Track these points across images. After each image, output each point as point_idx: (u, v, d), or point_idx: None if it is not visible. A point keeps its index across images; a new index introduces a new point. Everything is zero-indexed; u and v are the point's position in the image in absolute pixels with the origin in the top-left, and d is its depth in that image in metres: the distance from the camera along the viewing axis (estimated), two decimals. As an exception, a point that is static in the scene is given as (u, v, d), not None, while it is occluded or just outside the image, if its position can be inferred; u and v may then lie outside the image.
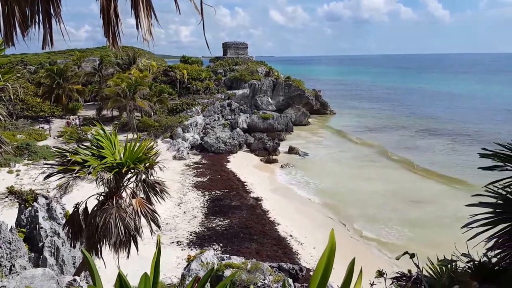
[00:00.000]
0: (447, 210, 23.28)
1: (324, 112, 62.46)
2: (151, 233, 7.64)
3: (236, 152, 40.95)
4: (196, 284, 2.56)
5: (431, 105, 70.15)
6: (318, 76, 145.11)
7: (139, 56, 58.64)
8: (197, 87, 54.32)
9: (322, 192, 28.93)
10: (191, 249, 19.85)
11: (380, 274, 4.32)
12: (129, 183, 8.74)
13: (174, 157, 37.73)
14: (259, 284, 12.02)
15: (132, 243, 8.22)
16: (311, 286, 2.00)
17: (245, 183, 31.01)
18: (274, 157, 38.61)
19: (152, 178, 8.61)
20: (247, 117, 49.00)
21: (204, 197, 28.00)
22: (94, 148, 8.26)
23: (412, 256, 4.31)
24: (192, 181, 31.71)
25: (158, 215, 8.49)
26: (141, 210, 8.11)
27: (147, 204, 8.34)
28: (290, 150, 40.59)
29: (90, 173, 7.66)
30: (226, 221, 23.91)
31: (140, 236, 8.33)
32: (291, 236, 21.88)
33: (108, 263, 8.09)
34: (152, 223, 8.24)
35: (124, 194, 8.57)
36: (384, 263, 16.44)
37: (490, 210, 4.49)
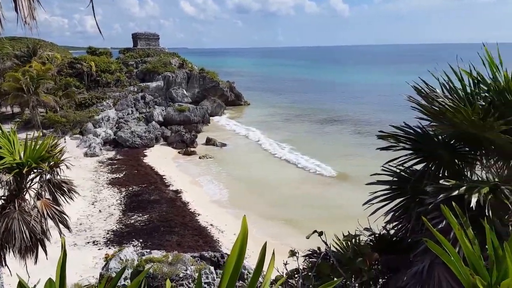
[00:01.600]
0: (351, 191, 24.93)
1: (239, 103, 63.04)
2: (60, 236, 7.08)
3: (153, 146, 39.70)
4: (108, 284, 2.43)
5: (339, 95, 74.26)
6: (232, 68, 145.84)
7: (40, 48, 53.59)
8: (107, 80, 51.30)
9: (238, 181, 29.33)
10: (109, 248, 18.94)
11: (293, 253, 4.50)
12: (32, 184, 7.97)
13: (86, 154, 35.41)
14: (181, 275, 11.88)
15: (40, 247, 7.54)
16: (225, 271, 2.01)
17: (163, 177, 30.26)
18: (192, 149, 38.16)
19: (58, 177, 7.95)
20: (163, 110, 47.63)
21: (121, 194, 26.79)
22: (-11, 148, 7.37)
23: (320, 234, 4.55)
24: (107, 178, 30.10)
25: (67, 216, 7.88)
26: (47, 212, 7.45)
27: (54, 205, 7.69)
28: (208, 142, 40.41)
29: (-15, 175, 6.82)
30: (145, 216, 23.18)
31: (48, 239, 7.68)
32: (211, 225, 21.92)
33: (19, 270, 7.35)
34: (60, 224, 7.63)
35: (27, 196, 7.80)
36: (296, 243, 17.19)
37: (387, 187, 4.90)
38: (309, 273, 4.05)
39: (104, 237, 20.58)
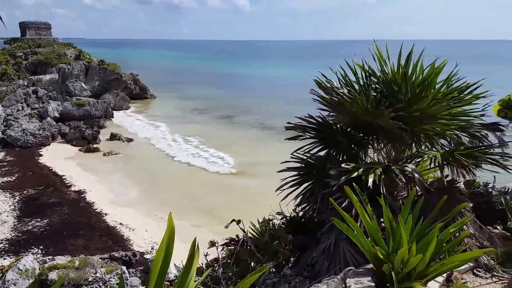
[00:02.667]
0: (259, 180, 25.69)
1: (144, 96, 60.62)
2: None
3: (49, 144, 36.36)
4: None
5: (245, 88, 75.31)
6: (135, 59, 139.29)
7: None
8: (-9, 73, 45.59)
9: (147, 176, 28.42)
10: (4, 259, 17.09)
11: (212, 244, 4.59)
12: None
13: (-32, 157, 31.22)
14: (90, 279, 11.27)
15: None
16: (152, 270, 1.99)
17: (63, 177, 28.01)
18: (95, 145, 35.81)
19: None
20: (59, 105, 43.79)
21: (14, 199, 24.21)
22: None
23: (238, 222, 4.70)
24: (-4, 182, 26.95)
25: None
26: None
27: None
28: (112, 137, 38.25)
29: None
30: (45, 221, 21.32)
31: None
32: (121, 224, 20.99)
33: None
34: None
35: None
36: (213, 235, 17.30)
37: (296, 172, 5.24)
38: (229, 261, 4.17)
39: (-3, 248, 18.53)
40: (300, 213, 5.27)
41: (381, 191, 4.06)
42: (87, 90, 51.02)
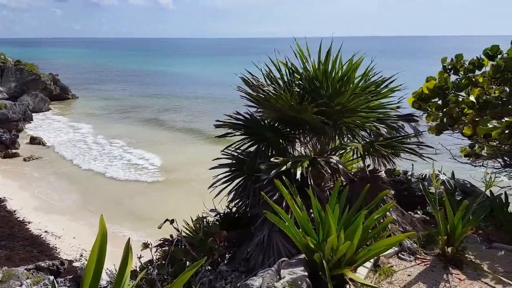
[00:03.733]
0: (194, 178, 25.18)
1: (65, 97, 56.36)
2: None
3: (-39, 152, 32.40)
4: None
5: (173, 87, 73.25)
6: (54, 59, 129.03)
7: None
8: None
9: (70, 181, 26.45)
10: None
11: (146, 245, 4.34)
12: None
13: None
14: (16, 292, 10.28)
15: None
16: (86, 275, 1.83)
17: (-21, 186, 25.16)
18: (14, 150, 32.61)
19: None
20: (-31, 109, 39.17)
21: None
22: None
23: (172, 222, 4.50)
24: None
25: None
26: None
27: None
28: (33, 141, 35.15)
29: None
30: (-41, 234, 18.98)
31: None
32: (46, 232, 19.36)
33: None
34: None
35: None
36: (148, 237, 16.62)
37: (228, 169, 5.15)
38: (163, 262, 3.97)
39: None
40: (234, 209, 5.20)
41: (309, 183, 4.11)
42: (3, 92, 46.32)
